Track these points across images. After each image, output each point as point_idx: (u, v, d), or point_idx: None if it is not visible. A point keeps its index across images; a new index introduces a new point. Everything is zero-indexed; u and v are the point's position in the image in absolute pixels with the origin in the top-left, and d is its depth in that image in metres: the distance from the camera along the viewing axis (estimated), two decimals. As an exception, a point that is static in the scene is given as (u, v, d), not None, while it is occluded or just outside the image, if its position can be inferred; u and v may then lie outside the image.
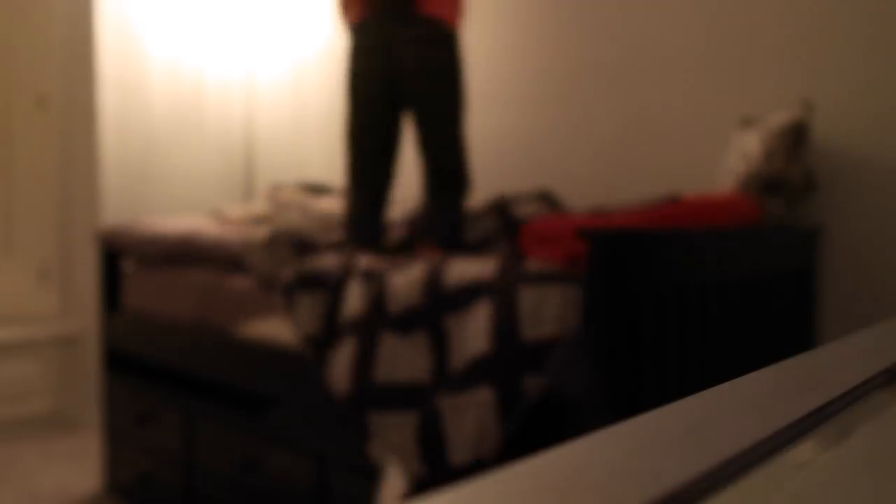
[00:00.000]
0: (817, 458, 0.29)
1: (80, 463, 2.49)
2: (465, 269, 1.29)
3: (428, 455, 1.21)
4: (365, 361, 1.33)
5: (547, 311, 1.14)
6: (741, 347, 1.34)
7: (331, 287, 1.46)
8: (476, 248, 1.79)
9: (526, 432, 1.16)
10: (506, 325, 1.16)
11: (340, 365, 1.38)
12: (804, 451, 0.30)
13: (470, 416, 1.16)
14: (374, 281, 1.39)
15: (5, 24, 3.26)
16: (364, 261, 1.48)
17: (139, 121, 3.22)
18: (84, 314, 3.04)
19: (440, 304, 1.27)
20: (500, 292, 1.20)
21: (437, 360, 1.26)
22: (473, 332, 1.21)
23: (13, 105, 3.30)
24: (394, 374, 1.30)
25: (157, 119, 3.27)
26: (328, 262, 1.51)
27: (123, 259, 2.19)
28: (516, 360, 1.14)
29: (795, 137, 1.57)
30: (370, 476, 1.40)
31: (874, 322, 1.69)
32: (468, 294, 1.24)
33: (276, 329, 1.61)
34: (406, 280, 1.33)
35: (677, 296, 1.16)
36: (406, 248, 1.85)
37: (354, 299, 1.41)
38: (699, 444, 0.29)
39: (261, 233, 1.68)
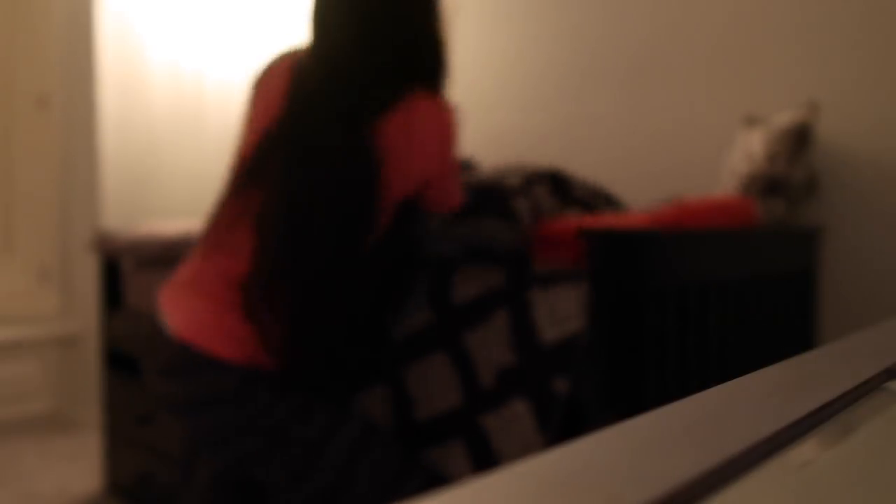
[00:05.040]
0: (818, 458, 0.29)
1: (80, 463, 2.49)
2: (472, 282, 1.28)
3: (485, 472, 1.21)
4: (400, 402, 1.33)
5: (563, 309, 1.14)
6: (742, 347, 1.34)
7: None
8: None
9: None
10: (524, 332, 1.16)
11: (376, 408, 1.37)
12: (805, 450, 0.30)
13: (512, 431, 1.18)
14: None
15: (5, 24, 3.26)
16: None
17: (139, 121, 3.23)
18: (84, 314, 3.04)
19: (454, 320, 1.27)
20: (513, 299, 1.19)
21: (464, 377, 1.26)
22: (494, 344, 1.21)
23: (13, 105, 3.30)
24: (431, 405, 1.30)
25: (158, 120, 3.27)
26: None
27: (122, 259, 2.19)
28: (541, 365, 1.14)
29: (800, 139, 1.56)
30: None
31: (874, 322, 1.69)
32: (481, 306, 1.24)
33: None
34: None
35: (678, 296, 1.15)
36: None
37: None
38: (699, 444, 0.29)
39: None
